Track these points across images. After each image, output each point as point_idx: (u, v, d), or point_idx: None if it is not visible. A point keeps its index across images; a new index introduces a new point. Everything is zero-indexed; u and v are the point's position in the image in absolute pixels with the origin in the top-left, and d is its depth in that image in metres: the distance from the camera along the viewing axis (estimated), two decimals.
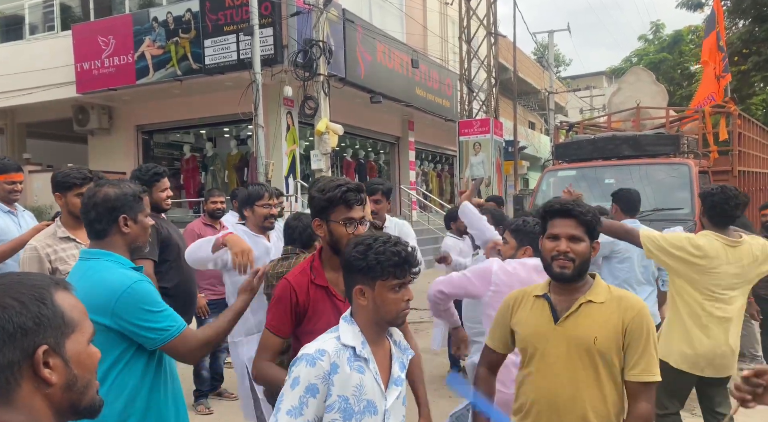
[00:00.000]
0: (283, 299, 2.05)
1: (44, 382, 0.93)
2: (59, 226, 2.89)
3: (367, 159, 15.96)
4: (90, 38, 11.76)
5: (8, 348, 0.90)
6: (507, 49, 18.75)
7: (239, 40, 10.33)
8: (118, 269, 1.87)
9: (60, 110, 12.89)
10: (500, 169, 14.35)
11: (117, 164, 12.86)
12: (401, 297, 1.68)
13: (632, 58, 27.72)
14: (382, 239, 1.69)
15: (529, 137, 23.83)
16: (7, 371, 0.90)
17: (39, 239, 2.83)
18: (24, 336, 0.91)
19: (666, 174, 6.69)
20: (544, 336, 1.96)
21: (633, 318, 1.89)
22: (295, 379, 1.61)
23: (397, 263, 1.65)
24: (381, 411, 1.66)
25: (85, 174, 2.92)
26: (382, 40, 12.88)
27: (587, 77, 37.08)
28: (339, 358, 1.63)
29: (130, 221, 1.95)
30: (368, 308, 1.68)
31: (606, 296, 1.94)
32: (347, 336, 1.67)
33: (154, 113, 12.80)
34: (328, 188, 2.04)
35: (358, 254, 1.67)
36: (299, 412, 1.57)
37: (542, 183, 7.62)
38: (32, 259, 2.74)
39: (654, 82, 8.77)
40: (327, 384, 1.60)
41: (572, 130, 9.12)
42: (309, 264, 2.11)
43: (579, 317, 1.92)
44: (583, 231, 1.94)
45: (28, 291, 0.94)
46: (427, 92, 15.10)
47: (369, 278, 1.67)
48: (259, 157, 9.66)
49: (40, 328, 0.92)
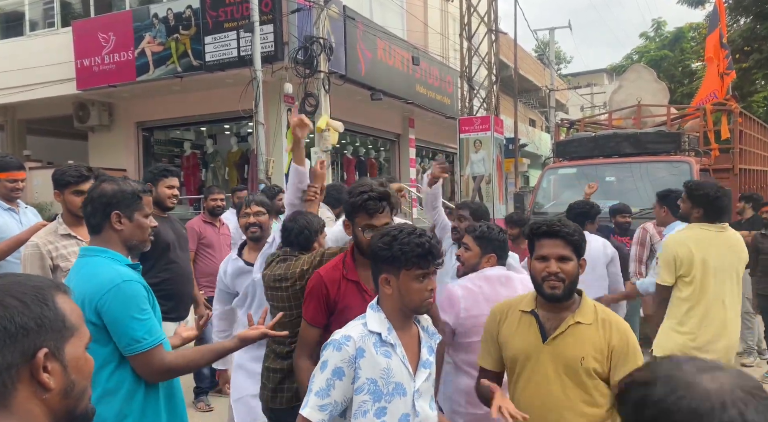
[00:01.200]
0: (315, 292, 2.17)
1: (42, 387, 0.89)
2: (60, 223, 2.90)
3: (367, 156, 15.94)
4: (90, 35, 11.73)
5: (8, 349, 0.87)
6: (508, 47, 18.72)
7: (240, 37, 10.31)
8: (111, 266, 1.86)
9: (60, 106, 12.87)
10: (501, 166, 14.32)
11: (117, 161, 12.86)
12: (425, 287, 1.75)
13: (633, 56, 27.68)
14: (407, 231, 1.76)
15: (530, 135, 23.80)
16: (4, 373, 0.86)
17: (40, 236, 2.84)
18: (25, 337, 0.88)
19: (666, 172, 6.69)
20: (532, 353, 1.98)
21: (619, 339, 1.93)
22: (324, 363, 1.73)
23: (421, 254, 1.73)
24: (410, 393, 1.75)
25: (81, 172, 2.92)
26: (382, 37, 12.85)
27: (588, 75, 37.00)
28: (365, 343, 1.73)
29: (124, 219, 1.94)
30: (393, 297, 1.77)
31: (593, 317, 1.97)
32: (373, 323, 1.77)
33: (154, 110, 12.78)
34: (354, 193, 2.15)
35: (384, 245, 1.76)
36: (326, 393, 1.68)
37: (543, 181, 7.62)
38: (34, 256, 2.74)
39: (655, 79, 8.76)
40: (353, 368, 1.70)
41: (573, 127, 9.11)
42: (342, 260, 2.20)
43: (567, 337, 1.95)
44: (570, 251, 1.95)
45: (30, 292, 0.92)
46: (427, 89, 15.07)
47: (394, 268, 1.75)
48: (259, 154, 9.65)
49: (41, 330, 0.90)
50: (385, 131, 15.80)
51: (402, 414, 1.74)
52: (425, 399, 1.81)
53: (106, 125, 13.10)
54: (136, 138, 13.34)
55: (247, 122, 11.96)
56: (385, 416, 1.71)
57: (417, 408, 1.76)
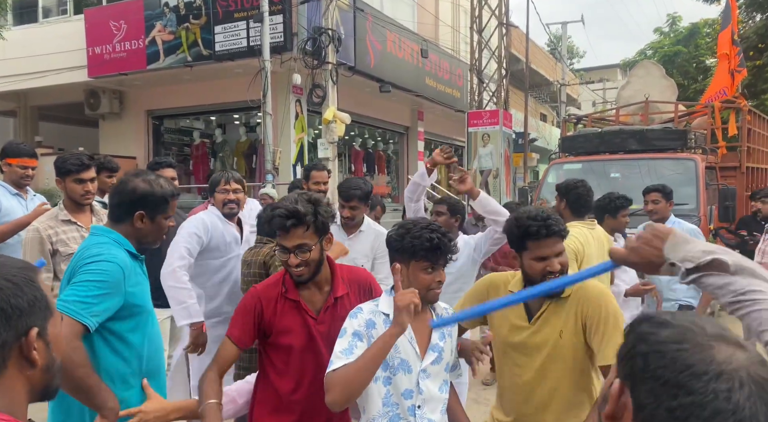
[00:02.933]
0: (248, 307, 1.98)
1: (30, 363, 0.94)
2: (61, 209, 2.98)
3: (375, 149, 15.95)
4: (102, 22, 11.81)
5: (4, 328, 0.90)
6: (519, 40, 18.60)
7: (249, 27, 10.34)
8: (109, 246, 1.91)
9: (72, 93, 12.98)
10: (509, 161, 14.30)
11: (127, 149, 12.97)
12: (433, 278, 1.85)
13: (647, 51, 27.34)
14: (421, 225, 1.86)
15: (540, 129, 23.68)
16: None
17: (41, 221, 2.91)
18: (19, 318, 0.92)
19: (672, 169, 6.67)
20: (517, 332, 2.04)
21: (589, 307, 1.95)
22: (343, 330, 1.84)
23: (430, 248, 1.81)
24: (415, 371, 1.86)
25: (83, 160, 2.97)
26: (392, 29, 12.83)
27: (601, 70, 36.71)
28: (375, 317, 1.86)
29: (146, 219, 1.98)
30: (404, 284, 1.86)
31: (570, 290, 2.01)
32: (384, 305, 1.89)
33: (164, 99, 12.87)
34: (272, 207, 2.00)
35: (397, 236, 1.88)
36: (350, 352, 1.77)
37: (547, 176, 7.62)
38: (34, 240, 2.82)
39: (664, 76, 8.70)
40: (368, 335, 1.82)
41: (580, 123, 9.08)
42: (282, 276, 2.02)
43: (549, 315, 2.00)
44: (563, 243, 2.01)
45: (19, 273, 0.95)
46: (437, 82, 15.04)
47: (405, 258, 1.86)
48: (267, 144, 9.70)
49: (33, 310, 0.94)
50: (393, 123, 15.80)
51: (405, 389, 1.85)
52: (433, 381, 1.89)
53: (117, 113, 13.20)
54: (146, 126, 13.44)
55: (256, 112, 12.02)
56: (390, 386, 1.85)
57: (421, 386, 1.86)
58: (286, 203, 1.91)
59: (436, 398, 1.90)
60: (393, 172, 16.81)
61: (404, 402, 1.86)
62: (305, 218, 1.89)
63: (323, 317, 2.00)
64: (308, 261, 1.92)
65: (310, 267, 1.93)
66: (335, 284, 2.03)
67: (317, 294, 2.02)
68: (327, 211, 1.95)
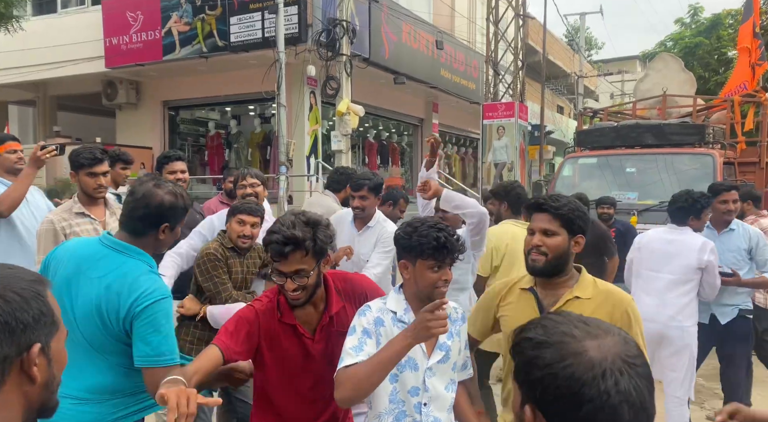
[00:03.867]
0: (249, 320, 1.91)
1: (29, 380, 0.92)
2: (75, 202, 3.00)
3: (389, 141, 15.93)
4: (119, 13, 11.90)
5: (6, 342, 0.89)
6: (536, 32, 18.40)
7: (264, 18, 10.35)
8: (154, 278, 1.89)
9: (89, 83, 13.13)
10: (524, 154, 14.20)
11: (144, 139, 13.09)
12: (438, 277, 1.85)
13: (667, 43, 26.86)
14: (429, 224, 1.86)
15: (556, 122, 23.47)
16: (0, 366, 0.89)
17: (56, 213, 2.94)
18: (23, 332, 0.90)
19: (689, 164, 6.57)
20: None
21: (622, 313, 1.91)
22: (352, 328, 1.85)
23: (436, 247, 1.82)
24: (422, 369, 1.87)
25: (95, 154, 2.97)
26: (407, 21, 12.76)
27: (620, 61, 36.19)
28: (383, 314, 1.88)
29: (167, 230, 1.97)
30: (411, 282, 1.89)
31: (593, 292, 1.96)
32: (391, 302, 1.92)
33: (180, 89, 12.95)
34: (268, 231, 1.88)
35: (404, 234, 1.88)
36: (360, 349, 1.79)
37: (562, 170, 7.55)
38: (48, 231, 2.85)
39: (682, 69, 8.55)
40: (377, 333, 1.84)
41: (596, 116, 8.98)
42: (276, 302, 1.95)
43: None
44: (558, 225, 1.94)
45: (28, 286, 0.94)
46: (452, 74, 14.95)
47: (412, 256, 1.87)
48: (281, 136, 9.72)
49: (37, 325, 0.92)
50: (408, 115, 15.75)
51: (412, 387, 1.86)
52: (440, 379, 1.89)
53: (134, 103, 13.32)
54: (162, 117, 13.55)
55: (271, 104, 12.05)
56: (397, 383, 1.86)
57: (427, 384, 1.87)
58: (282, 228, 1.82)
59: (442, 396, 1.91)
60: (407, 164, 16.78)
61: (410, 399, 1.87)
62: (304, 244, 1.81)
63: (319, 336, 1.97)
64: (306, 286, 1.87)
65: (307, 291, 1.89)
66: (330, 301, 1.99)
67: (312, 312, 1.98)
68: (326, 235, 1.87)
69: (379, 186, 3.51)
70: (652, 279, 3.61)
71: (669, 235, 3.64)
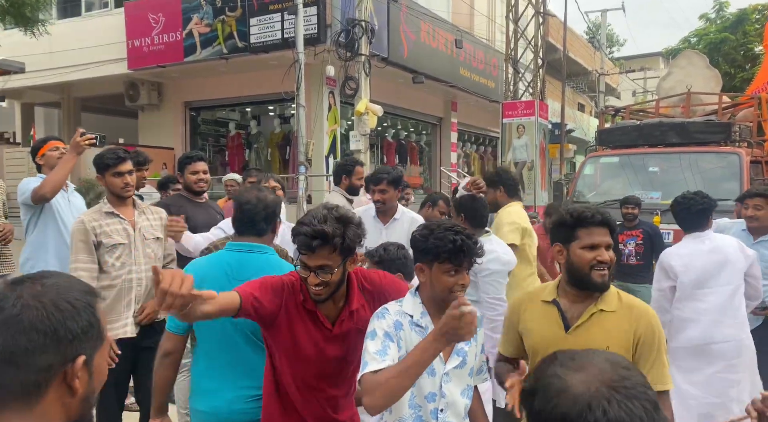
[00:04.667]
0: (275, 287, 1.90)
1: (70, 392, 0.91)
2: (105, 203, 3.09)
3: (408, 140, 15.90)
4: (141, 15, 12.05)
5: (53, 351, 0.88)
6: (556, 29, 18.20)
7: (284, 19, 10.39)
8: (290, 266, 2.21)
9: (112, 85, 13.31)
10: (544, 153, 14.06)
11: (165, 140, 13.25)
12: (455, 281, 1.81)
13: (691, 39, 26.40)
14: (445, 226, 1.82)
15: (577, 120, 23.19)
16: (43, 373, 0.88)
17: (87, 213, 3.05)
18: (70, 343, 0.90)
19: (714, 163, 6.46)
20: (553, 344, 1.92)
21: (645, 326, 1.89)
22: (372, 331, 1.80)
23: (452, 251, 1.77)
24: (439, 375, 1.84)
25: (118, 154, 3.06)
26: (426, 20, 12.71)
27: (642, 58, 35.63)
28: (401, 318, 1.84)
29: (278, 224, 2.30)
30: (427, 285, 1.86)
31: (617, 305, 1.94)
32: (408, 306, 1.88)
33: (201, 90, 13.08)
34: (299, 222, 1.88)
35: (421, 237, 1.84)
36: (384, 353, 1.73)
37: (584, 169, 7.47)
38: (79, 231, 2.95)
39: (707, 66, 8.38)
40: (397, 336, 1.80)
41: (618, 115, 8.85)
42: (300, 283, 1.93)
43: (591, 326, 1.92)
44: (612, 239, 1.96)
45: (81, 297, 0.94)
46: (471, 72, 14.86)
47: (428, 259, 1.82)
48: (300, 136, 9.76)
49: (85, 337, 0.92)
50: (426, 114, 15.70)
51: (429, 392, 1.83)
52: (456, 385, 1.86)
53: (156, 105, 13.48)
54: (183, 117, 13.69)
55: (290, 104, 12.11)
56: (414, 388, 1.80)
57: (444, 390, 1.84)
58: (313, 221, 1.81)
59: (458, 402, 1.88)
60: (425, 163, 16.73)
61: (427, 405, 1.85)
62: (332, 240, 1.79)
63: (338, 328, 1.97)
64: (329, 282, 1.85)
65: (330, 288, 1.87)
66: (351, 297, 1.98)
67: (331, 306, 1.97)
68: (356, 234, 1.85)
69: (398, 179, 3.59)
70: (707, 296, 3.27)
71: (702, 245, 3.32)
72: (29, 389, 0.88)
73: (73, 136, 3.32)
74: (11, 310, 0.89)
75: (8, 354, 0.87)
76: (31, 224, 3.59)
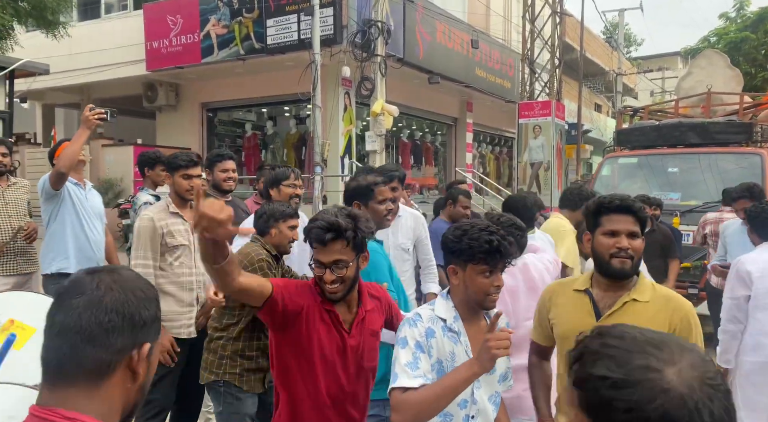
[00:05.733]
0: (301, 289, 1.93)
1: (132, 377, 0.95)
2: (170, 202, 3.12)
3: (423, 141, 15.88)
4: (159, 17, 12.18)
5: (127, 335, 0.93)
6: (573, 29, 18.06)
7: (300, 20, 10.45)
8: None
9: (131, 86, 13.47)
10: (561, 153, 13.97)
11: (183, 140, 13.37)
12: (490, 282, 1.78)
13: (710, 38, 26.03)
14: (479, 227, 1.79)
15: (594, 120, 23.00)
16: (115, 354, 0.93)
17: (155, 212, 3.07)
18: (140, 329, 0.95)
19: (735, 164, 6.36)
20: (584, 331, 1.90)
21: (681, 318, 1.85)
22: (403, 339, 1.77)
23: (488, 251, 1.74)
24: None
25: (191, 157, 3.10)
26: (442, 20, 12.69)
27: (660, 58, 35.23)
28: (434, 324, 1.79)
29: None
30: (460, 288, 1.82)
31: (651, 295, 1.90)
32: (440, 309, 1.83)
33: (218, 91, 13.19)
34: (311, 219, 1.91)
35: (454, 238, 1.80)
36: (416, 366, 1.71)
37: (602, 170, 7.40)
38: (148, 228, 2.97)
39: (728, 66, 8.26)
40: (428, 345, 1.76)
41: (636, 115, 8.76)
42: (317, 288, 1.95)
43: (623, 315, 1.88)
44: (639, 227, 1.91)
45: (149, 290, 0.99)
46: (487, 73, 14.80)
47: (461, 261, 1.79)
48: (315, 137, 9.80)
49: (152, 326, 0.97)
50: (442, 114, 15.67)
51: (461, 400, 1.79)
52: (486, 391, 1.85)
53: (173, 105, 13.62)
54: (200, 118, 13.82)
55: (306, 105, 12.16)
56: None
57: (475, 396, 1.81)
58: (326, 216, 1.85)
59: (488, 409, 1.87)
60: (440, 164, 16.70)
61: (459, 412, 1.82)
62: (345, 233, 1.82)
63: (355, 330, 1.96)
64: (344, 278, 1.85)
65: (345, 285, 1.88)
66: (363, 299, 1.99)
67: (345, 311, 1.97)
68: (367, 227, 1.88)
69: (404, 177, 3.67)
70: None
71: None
72: (101, 367, 0.92)
73: (83, 111, 3.40)
74: (96, 292, 0.94)
75: (89, 333, 0.91)
76: (51, 217, 3.68)
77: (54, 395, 0.91)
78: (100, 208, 3.98)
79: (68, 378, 0.91)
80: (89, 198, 3.86)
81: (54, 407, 0.89)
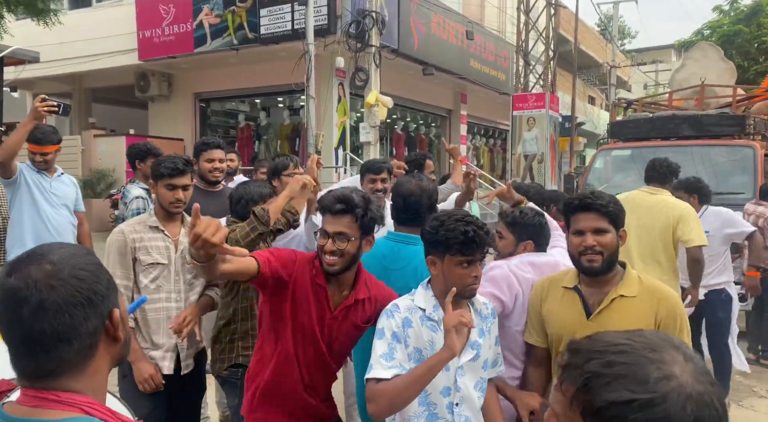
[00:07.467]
0: (291, 258, 1.94)
1: (114, 341, 0.99)
2: (151, 215, 2.70)
3: (417, 132, 15.86)
4: (152, 6, 12.05)
5: (93, 315, 0.94)
6: (568, 21, 18.04)
7: (294, 10, 10.36)
8: None
9: (123, 76, 13.35)
10: (554, 145, 13.98)
11: (175, 130, 13.29)
12: (468, 273, 1.79)
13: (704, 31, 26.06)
14: (456, 217, 1.79)
15: (588, 113, 23.03)
16: (92, 338, 0.95)
17: (130, 224, 2.68)
18: (101, 302, 0.96)
19: (728, 156, 6.40)
20: (576, 330, 1.91)
21: (667, 310, 1.87)
22: (380, 330, 1.81)
23: (464, 242, 1.75)
24: (453, 368, 1.82)
25: (177, 165, 2.60)
26: (437, 11, 12.63)
27: (654, 51, 35.28)
28: (411, 315, 1.82)
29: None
30: (439, 278, 1.84)
31: (638, 289, 1.92)
32: (420, 299, 1.86)
33: (211, 81, 13.09)
34: (327, 191, 2.01)
35: (431, 229, 1.82)
36: (391, 356, 1.75)
37: (595, 162, 7.41)
38: (117, 242, 2.58)
39: (722, 58, 8.27)
40: (405, 335, 1.79)
41: (630, 107, 8.78)
42: (313, 260, 1.97)
43: (612, 312, 1.90)
44: (607, 222, 1.92)
45: (90, 260, 0.99)
46: (482, 64, 14.77)
47: (439, 252, 1.81)
48: (309, 128, 9.76)
49: (109, 292, 0.98)
50: (436, 106, 15.64)
51: (444, 387, 1.81)
52: (470, 378, 1.86)
53: (166, 95, 13.51)
54: (193, 109, 13.72)
55: (300, 96, 12.09)
56: (428, 384, 1.77)
57: (459, 384, 1.83)
58: (340, 190, 1.94)
59: (472, 395, 1.88)
60: (434, 155, 16.69)
61: (442, 399, 1.84)
62: (355, 209, 1.88)
63: (339, 313, 1.97)
64: (344, 252, 1.88)
65: (344, 259, 1.89)
66: (357, 287, 2.00)
67: (336, 293, 1.99)
68: (377, 214, 1.93)
69: (392, 168, 3.73)
70: None
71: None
72: (83, 353, 0.94)
73: (34, 102, 3.23)
74: (37, 296, 0.90)
75: (58, 335, 0.91)
76: (11, 206, 3.68)
77: (41, 386, 0.92)
78: (69, 196, 3.92)
79: (51, 375, 0.93)
80: (55, 186, 3.80)
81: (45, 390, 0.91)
